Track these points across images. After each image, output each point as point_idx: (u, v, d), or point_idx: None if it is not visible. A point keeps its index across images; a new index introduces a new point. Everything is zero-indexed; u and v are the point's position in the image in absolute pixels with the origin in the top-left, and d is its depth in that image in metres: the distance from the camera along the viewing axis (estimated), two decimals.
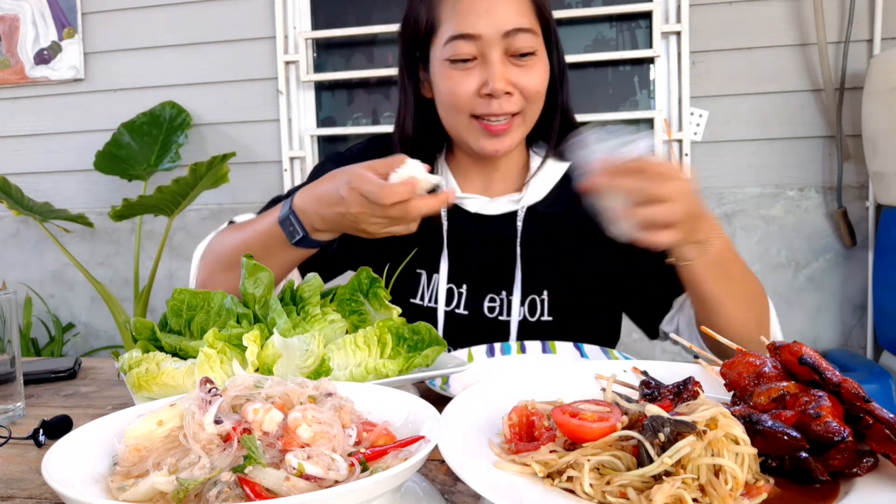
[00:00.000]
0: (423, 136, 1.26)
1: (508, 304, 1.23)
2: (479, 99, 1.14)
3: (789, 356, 0.65)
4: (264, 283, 0.90)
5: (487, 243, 1.25)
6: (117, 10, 3.03)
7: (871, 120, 2.36)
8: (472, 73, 1.13)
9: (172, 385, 0.78)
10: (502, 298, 1.24)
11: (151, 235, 3.08)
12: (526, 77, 1.13)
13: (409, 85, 1.24)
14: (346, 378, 0.81)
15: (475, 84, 1.13)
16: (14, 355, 0.92)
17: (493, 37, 1.11)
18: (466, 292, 1.25)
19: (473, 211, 1.26)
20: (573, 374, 0.76)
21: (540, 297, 1.22)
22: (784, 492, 0.53)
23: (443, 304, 1.24)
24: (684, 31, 2.62)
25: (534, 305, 1.22)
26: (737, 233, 2.66)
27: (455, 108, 1.16)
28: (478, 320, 1.23)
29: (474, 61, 1.13)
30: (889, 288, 2.38)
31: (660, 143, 2.68)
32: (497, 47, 1.11)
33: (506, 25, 1.10)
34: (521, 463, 0.55)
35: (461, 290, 1.25)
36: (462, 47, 1.12)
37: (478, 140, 1.18)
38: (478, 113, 1.15)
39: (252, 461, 0.51)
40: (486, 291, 1.24)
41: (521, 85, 1.13)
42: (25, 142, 3.17)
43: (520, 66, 1.13)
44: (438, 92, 1.18)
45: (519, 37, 1.11)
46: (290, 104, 2.94)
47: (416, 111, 1.24)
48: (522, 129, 1.19)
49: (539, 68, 1.15)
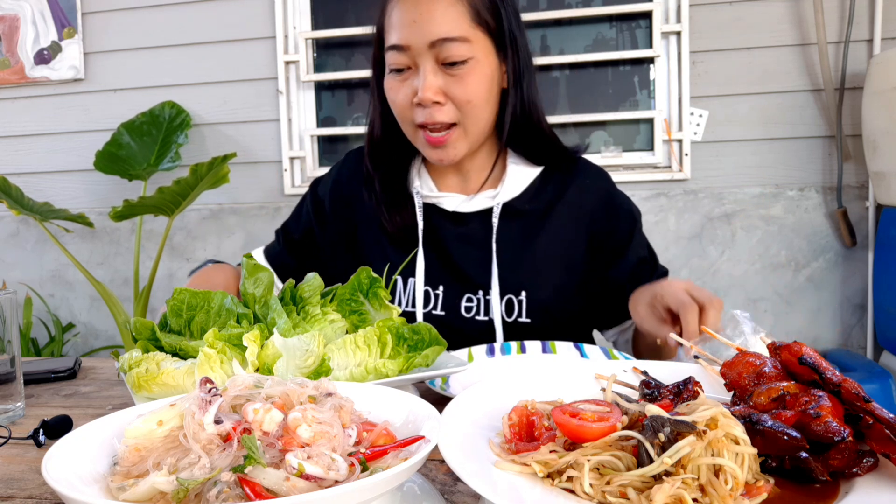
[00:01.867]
0: (393, 138, 1.27)
1: (486, 304, 1.24)
2: (416, 108, 1.16)
3: (789, 356, 0.65)
4: (264, 283, 0.90)
5: (464, 242, 1.26)
6: (117, 10, 3.03)
7: (871, 120, 2.36)
8: (407, 82, 1.16)
9: (172, 385, 0.78)
10: (479, 298, 1.24)
11: (151, 235, 3.09)
12: (457, 86, 1.14)
13: (377, 88, 1.26)
14: (346, 378, 0.81)
15: (409, 93, 1.16)
16: (14, 355, 0.91)
17: (421, 47, 1.12)
18: (443, 293, 1.26)
19: (451, 210, 1.27)
20: (573, 374, 0.76)
21: (517, 298, 1.22)
22: (784, 492, 0.53)
23: (420, 307, 1.25)
24: (684, 31, 2.62)
25: (511, 305, 1.23)
26: (737, 233, 2.67)
27: (399, 117, 1.20)
28: (456, 321, 1.24)
29: (409, 70, 1.16)
30: (889, 288, 2.38)
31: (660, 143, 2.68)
32: (426, 57, 1.13)
33: (432, 35, 1.11)
34: (521, 463, 0.55)
35: (437, 291, 1.26)
36: (396, 57, 1.15)
37: (425, 149, 1.21)
38: (416, 122, 1.17)
39: (252, 461, 0.51)
40: (464, 291, 1.25)
41: (452, 94, 1.14)
42: (25, 142, 3.17)
43: (451, 74, 1.14)
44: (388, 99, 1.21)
45: (446, 46, 1.12)
46: (290, 104, 2.94)
47: (385, 114, 1.26)
48: (466, 140, 1.19)
49: (473, 77, 1.14)
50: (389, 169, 1.30)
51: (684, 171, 2.67)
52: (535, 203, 1.26)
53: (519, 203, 1.26)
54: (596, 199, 1.28)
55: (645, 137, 2.75)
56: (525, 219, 1.25)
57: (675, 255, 2.70)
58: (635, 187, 2.70)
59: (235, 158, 2.77)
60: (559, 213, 1.26)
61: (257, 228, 3.00)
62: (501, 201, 1.25)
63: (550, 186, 1.28)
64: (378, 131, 1.29)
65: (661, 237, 2.70)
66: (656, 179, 2.69)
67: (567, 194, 1.27)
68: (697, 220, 2.68)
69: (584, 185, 1.28)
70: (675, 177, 2.68)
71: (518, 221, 1.25)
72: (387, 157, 1.30)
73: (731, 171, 2.67)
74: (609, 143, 2.77)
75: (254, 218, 3.00)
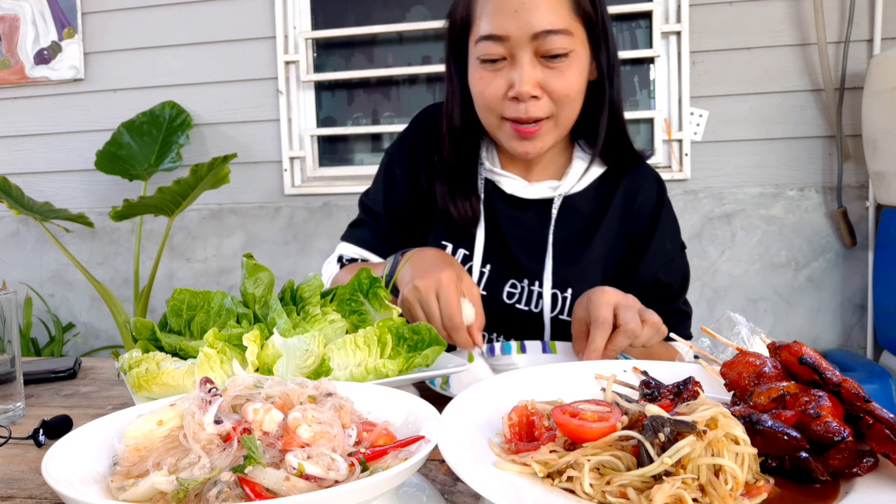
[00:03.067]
0: (472, 128, 1.23)
1: (529, 294, 1.21)
2: (507, 101, 1.11)
3: (789, 356, 0.65)
4: (264, 283, 0.90)
5: (519, 227, 1.23)
6: (117, 10, 3.03)
7: (871, 120, 2.36)
8: (501, 73, 1.11)
9: (172, 385, 0.78)
10: (524, 287, 1.21)
11: (151, 235, 3.09)
12: (556, 80, 1.09)
13: (455, 77, 1.22)
14: (346, 378, 0.81)
15: (503, 85, 1.10)
16: (14, 355, 0.91)
17: (522, 38, 1.07)
18: (489, 273, 1.22)
19: (509, 192, 1.23)
20: (573, 374, 0.76)
21: (563, 294, 1.20)
22: (784, 492, 0.53)
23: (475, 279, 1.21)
24: (684, 31, 2.62)
25: (555, 300, 1.20)
26: (737, 233, 2.67)
27: (486, 109, 1.15)
28: (495, 304, 1.21)
29: (503, 62, 1.10)
30: (889, 288, 2.38)
31: (660, 143, 2.68)
32: (526, 49, 1.08)
33: (535, 27, 1.06)
34: (521, 463, 0.55)
35: (484, 269, 1.22)
36: (491, 48, 1.09)
37: (509, 141, 1.16)
38: (506, 116, 1.13)
39: (252, 461, 0.51)
40: (509, 276, 1.22)
41: (550, 88, 1.10)
42: (25, 142, 3.17)
43: (551, 67, 1.09)
44: (472, 91, 1.17)
45: (549, 38, 1.07)
46: (290, 104, 2.94)
47: (465, 103, 1.22)
48: (555, 133, 1.15)
49: (572, 70, 1.10)
50: (466, 159, 1.26)
51: (684, 171, 2.67)
52: (595, 202, 1.24)
53: (579, 199, 1.23)
54: (646, 206, 1.25)
55: (645, 137, 2.75)
56: (584, 216, 1.23)
57: None
58: None
59: (235, 158, 2.77)
60: (612, 215, 1.23)
61: (257, 228, 3.00)
62: (563, 193, 1.22)
63: (611, 187, 1.25)
64: (458, 121, 1.23)
65: None
66: None
67: (624, 198, 1.24)
68: (697, 220, 2.68)
69: (642, 189, 1.25)
70: (675, 177, 2.68)
71: (576, 217, 1.22)
72: (466, 147, 1.26)
73: (731, 171, 2.67)
74: None
75: (254, 218, 3.00)
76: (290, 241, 2.98)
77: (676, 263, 1.26)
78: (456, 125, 1.23)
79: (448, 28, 1.21)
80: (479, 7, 1.12)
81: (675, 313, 1.24)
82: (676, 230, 1.28)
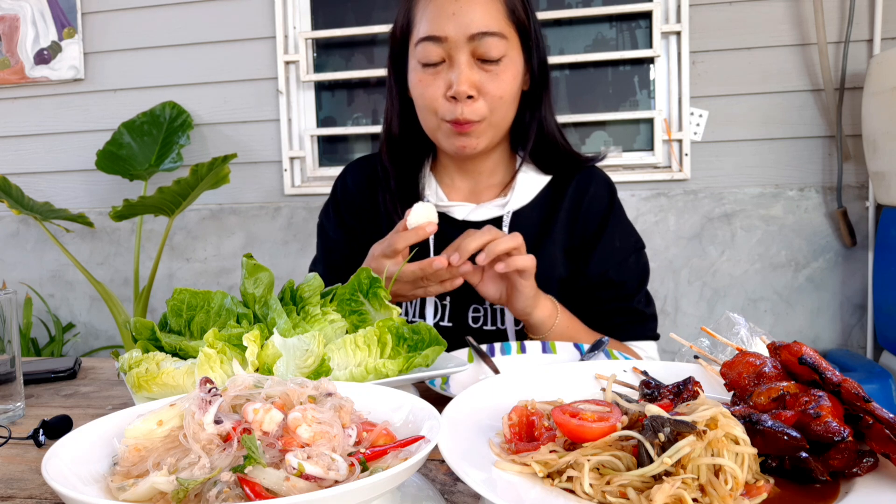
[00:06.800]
0: (410, 136, 1.27)
1: (493, 314, 1.23)
2: (446, 102, 1.15)
3: (789, 356, 0.65)
4: (264, 283, 0.90)
5: None
6: (117, 10, 3.03)
7: (871, 120, 2.36)
8: (440, 75, 1.15)
9: (172, 385, 0.78)
10: (486, 308, 1.24)
11: (151, 235, 3.09)
12: (492, 83, 1.13)
13: (395, 86, 1.26)
14: (346, 378, 0.81)
15: (442, 86, 1.14)
16: (14, 355, 0.92)
17: (459, 39, 1.11)
18: (450, 304, 1.25)
19: (461, 218, 1.26)
20: (573, 374, 0.76)
21: None
22: (784, 492, 0.53)
23: (430, 318, 1.24)
24: (684, 31, 2.62)
25: None
26: (737, 233, 2.67)
27: (426, 109, 1.18)
28: (462, 331, 1.23)
29: (442, 64, 1.15)
30: (889, 288, 2.38)
31: (660, 143, 2.68)
32: (463, 50, 1.12)
33: (472, 28, 1.11)
34: (521, 463, 0.55)
35: (444, 302, 1.25)
36: (430, 49, 1.14)
37: (448, 138, 1.19)
38: (445, 118, 1.16)
39: (252, 461, 0.51)
40: (471, 302, 1.24)
41: (485, 90, 1.13)
42: (25, 142, 3.17)
43: (487, 70, 1.13)
44: (413, 94, 1.20)
45: (485, 41, 1.11)
46: (290, 104, 2.94)
47: (403, 112, 1.26)
48: (489, 133, 1.19)
49: (507, 73, 1.15)
50: (405, 167, 1.30)
51: (684, 171, 2.67)
52: (543, 210, 1.25)
53: (527, 211, 1.25)
54: (595, 207, 1.26)
55: (645, 137, 2.75)
56: (534, 225, 1.24)
57: (675, 255, 2.70)
58: (635, 187, 2.71)
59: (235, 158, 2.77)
60: (561, 219, 1.25)
61: (257, 228, 3.00)
62: (511, 210, 1.24)
63: (557, 195, 1.27)
64: (396, 129, 1.28)
65: (661, 237, 2.71)
66: (656, 179, 2.69)
67: (572, 201, 1.26)
68: (697, 220, 2.68)
69: (588, 192, 1.26)
70: (675, 177, 2.68)
71: (527, 230, 1.23)
72: (403, 156, 1.30)
73: (731, 171, 2.67)
74: (609, 143, 2.77)
75: (254, 218, 3.00)
76: (290, 241, 2.98)
77: (630, 262, 1.26)
78: (395, 133, 1.28)
79: (390, 37, 1.25)
80: (420, 12, 1.16)
81: (633, 312, 1.25)
82: (629, 231, 1.29)
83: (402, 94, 1.25)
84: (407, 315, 1.26)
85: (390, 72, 1.26)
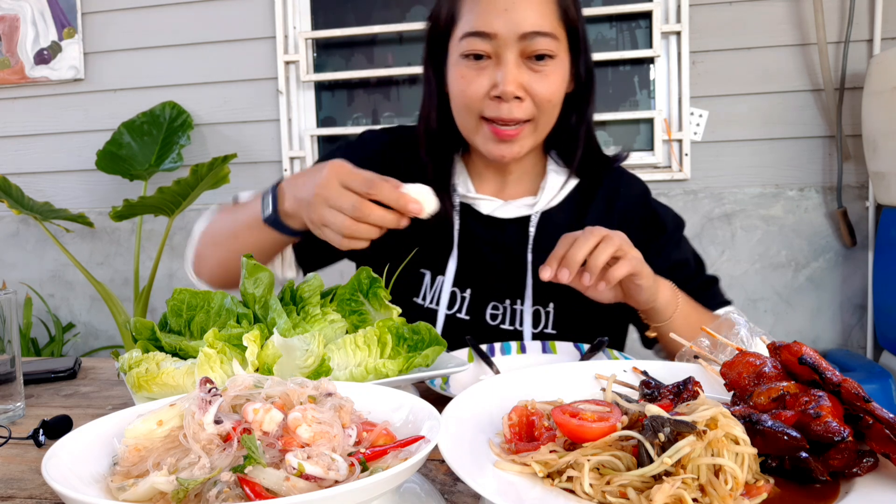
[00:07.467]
0: (447, 131, 1.22)
1: (513, 314, 1.20)
2: (489, 101, 1.10)
3: (789, 356, 0.65)
4: (264, 283, 0.90)
5: (498, 248, 1.22)
6: (117, 10, 3.03)
7: (870, 120, 2.36)
8: (485, 72, 1.10)
9: (172, 385, 0.78)
10: (506, 307, 1.21)
11: (151, 235, 3.08)
12: (540, 83, 1.09)
13: (433, 79, 1.21)
14: (346, 378, 0.81)
15: (486, 84, 1.09)
16: (14, 355, 0.91)
17: (510, 37, 1.07)
18: (470, 297, 1.22)
19: (486, 213, 1.23)
20: (573, 374, 0.76)
21: (545, 309, 1.20)
22: (784, 492, 0.53)
23: (444, 307, 1.21)
24: (684, 31, 2.62)
25: (538, 316, 1.20)
26: (737, 233, 2.67)
27: (465, 108, 1.13)
28: (479, 327, 1.21)
29: (488, 60, 1.10)
30: (889, 288, 2.38)
31: (660, 143, 2.68)
32: (512, 48, 1.07)
33: (524, 27, 1.06)
34: (521, 463, 0.55)
35: (465, 294, 1.22)
36: (476, 44, 1.08)
37: (486, 143, 1.14)
38: (487, 115, 1.11)
39: (252, 461, 0.51)
40: (491, 298, 1.21)
41: (533, 90, 1.09)
42: (25, 142, 3.17)
43: (535, 70, 1.09)
44: (451, 90, 1.15)
45: (537, 40, 1.07)
46: (290, 104, 2.94)
47: (441, 106, 1.21)
48: (533, 138, 1.15)
49: (556, 75, 1.10)
50: (441, 159, 1.25)
51: (684, 171, 2.67)
52: (572, 213, 1.22)
53: (555, 213, 1.22)
54: (630, 208, 1.24)
55: (645, 137, 2.75)
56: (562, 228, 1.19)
57: None
58: None
59: (235, 158, 2.77)
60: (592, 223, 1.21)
61: None
62: (540, 210, 1.21)
63: (587, 197, 1.24)
64: (435, 123, 1.22)
65: None
66: (656, 179, 2.69)
67: (603, 205, 1.23)
68: (697, 221, 2.68)
69: (620, 194, 1.24)
70: (675, 177, 2.68)
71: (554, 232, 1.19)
72: (440, 150, 1.24)
73: (731, 171, 2.67)
74: (609, 143, 2.77)
75: None
76: None
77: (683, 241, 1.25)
78: (433, 127, 1.22)
79: (429, 28, 1.20)
80: (467, 5, 1.11)
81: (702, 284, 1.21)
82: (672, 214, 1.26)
83: (440, 87, 1.20)
84: (424, 301, 1.23)
85: (427, 65, 1.21)
